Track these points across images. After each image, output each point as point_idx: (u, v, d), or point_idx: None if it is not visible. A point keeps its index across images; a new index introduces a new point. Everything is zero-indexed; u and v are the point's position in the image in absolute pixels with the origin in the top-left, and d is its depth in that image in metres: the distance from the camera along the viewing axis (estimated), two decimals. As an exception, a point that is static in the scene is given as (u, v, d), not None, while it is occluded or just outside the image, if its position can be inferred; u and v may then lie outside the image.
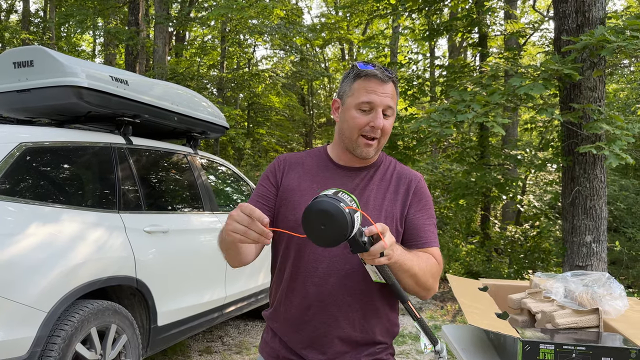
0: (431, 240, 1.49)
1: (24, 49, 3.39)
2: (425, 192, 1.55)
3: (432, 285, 1.45)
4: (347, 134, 1.47)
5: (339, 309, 1.44)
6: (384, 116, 1.44)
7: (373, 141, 1.45)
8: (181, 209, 4.07)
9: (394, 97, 1.46)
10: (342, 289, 1.43)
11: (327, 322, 1.44)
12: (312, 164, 1.56)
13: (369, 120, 1.43)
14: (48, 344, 2.62)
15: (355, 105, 1.44)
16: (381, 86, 1.42)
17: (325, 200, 1.16)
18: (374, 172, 1.54)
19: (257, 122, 16.51)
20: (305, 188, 1.50)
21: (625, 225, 9.40)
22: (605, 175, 5.56)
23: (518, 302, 2.09)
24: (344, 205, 1.15)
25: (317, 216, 1.16)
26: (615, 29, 4.75)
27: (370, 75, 1.43)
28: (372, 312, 1.47)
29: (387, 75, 1.44)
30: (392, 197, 1.50)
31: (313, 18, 29.31)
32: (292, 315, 1.49)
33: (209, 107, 4.65)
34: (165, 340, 3.54)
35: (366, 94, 1.42)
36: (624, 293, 1.97)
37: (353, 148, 1.47)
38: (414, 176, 1.56)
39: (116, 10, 14.72)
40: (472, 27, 8.49)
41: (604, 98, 5.57)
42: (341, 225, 1.14)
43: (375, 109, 1.42)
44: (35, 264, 2.63)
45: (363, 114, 1.43)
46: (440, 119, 4.98)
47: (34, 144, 2.93)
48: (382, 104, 1.42)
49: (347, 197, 1.19)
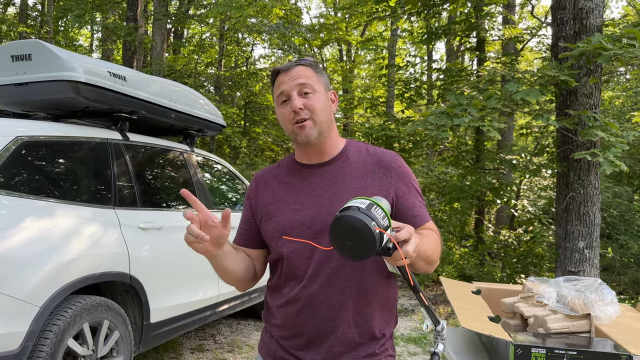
0: (425, 215, 1.49)
1: (22, 42, 3.38)
2: (404, 169, 1.51)
3: (438, 258, 1.45)
4: (286, 131, 1.49)
5: (331, 308, 1.42)
6: (305, 95, 1.43)
7: (304, 122, 1.43)
8: (176, 206, 4.06)
9: (309, 76, 1.46)
10: (330, 288, 1.42)
11: (321, 323, 1.43)
12: (284, 172, 1.56)
13: (290, 108, 1.44)
14: (40, 338, 2.61)
15: (277, 102, 1.48)
16: (287, 74, 1.45)
17: (355, 216, 1.10)
18: (343, 163, 1.51)
19: (253, 121, 16.49)
20: (279, 198, 1.51)
21: (617, 232, 9.46)
22: (599, 182, 5.59)
23: (511, 306, 2.10)
24: (376, 224, 1.09)
25: (346, 231, 1.11)
26: (612, 37, 4.78)
27: (277, 73, 1.48)
28: (366, 307, 1.44)
29: (288, 64, 1.47)
30: (370, 184, 1.46)
31: (312, 18, 29.35)
32: (288, 320, 1.48)
33: (206, 105, 4.65)
34: (157, 338, 3.54)
35: (278, 88, 1.46)
36: (616, 299, 1.99)
37: (295, 139, 1.46)
38: (388, 157, 1.51)
39: (114, 6, 14.69)
40: (470, 32, 8.53)
41: (599, 105, 5.60)
42: (369, 245, 1.10)
43: (290, 95, 1.44)
44: (29, 258, 2.63)
45: (285, 106, 1.45)
46: (437, 122, 5.00)
47: (30, 137, 2.92)
48: (291, 88, 1.44)
49: (381, 212, 1.14)
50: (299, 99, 1.43)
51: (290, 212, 1.46)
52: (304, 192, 1.48)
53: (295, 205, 1.47)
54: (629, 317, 2.11)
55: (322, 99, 1.47)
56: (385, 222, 1.13)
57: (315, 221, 1.42)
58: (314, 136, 1.44)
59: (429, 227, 1.47)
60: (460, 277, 7.58)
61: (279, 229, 1.46)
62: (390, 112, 12.71)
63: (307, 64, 1.49)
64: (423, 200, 1.53)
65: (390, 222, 1.15)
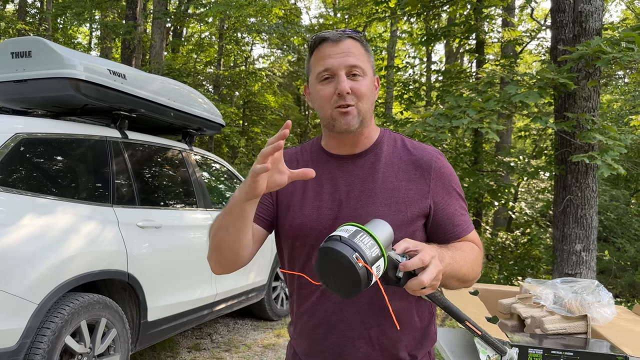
0: (467, 225, 1.30)
1: (22, 39, 3.38)
2: (446, 171, 1.30)
3: (478, 274, 1.28)
4: (321, 113, 1.27)
5: (350, 326, 1.25)
6: (353, 77, 1.23)
7: (349, 108, 1.22)
8: (174, 205, 4.07)
9: (360, 55, 1.25)
10: (349, 305, 1.25)
11: (339, 343, 1.27)
12: (307, 159, 1.37)
13: (334, 88, 1.22)
14: (38, 335, 2.61)
15: (316, 78, 1.26)
16: (336, 46, 1.23)
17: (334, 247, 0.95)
18: (375, 157, 1.31)
19: (252, 120, 16.48)
20: (300, 190, 1.32)
21: (614, 235, 9.49)
22: (597, 184, 5.61)
23: (508, 307, 2.11)
24: (359, 255, 0.94)
25: (326, 265, 0.98)
26: (611, 41, 4.80)
27: (321, 40, 1.26)
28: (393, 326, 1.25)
29: (338, 34, 1.25)
30: (404, 186, 1.26)
31: (311, 19, 29.37)
32: (304, 334, 1.34)
33: (205, 104, 4.65)
34: (154, 336, 3.54)
35: (322, 61, 1.24)
36: (612, 301, 2.00)
37: (332, 125, 1.25)
38: (428, 155, 1.30)
39: (114, 4, 14.66)
40: (470, 34, 8.54)
41: (598, 108, 5.62)
42: (353, 281, 0.95)
43: (336, 73, 1.22)
44: (27, 255, 2.63)
45: (327, 84, 1.24)
46: (436, 124, 5.01)
47: (29, 134, 2.92)
48: (341, 65, 1.22)
49: (369, 240, 0.96)
50: (347, 80, 1.22)
51: (309, 209, 1.29)
52: (327, 187, 1.29)
53: (315, 201, 1.29)
54: (625, 319, 2.13)
55: (370, 84, 1.27)
56: (374, 252, 0.96)
57: (335, 224, 1.22)
58: (355, 126, 1.24)
59: (470, 239, 1.30)
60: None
61: (295, 227, 1.30)
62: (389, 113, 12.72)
63: (359, 39, 1.27)
64: (465, 205, 1.34)
65: (383, 251, 0.97)
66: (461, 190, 1.34)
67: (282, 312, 5.37)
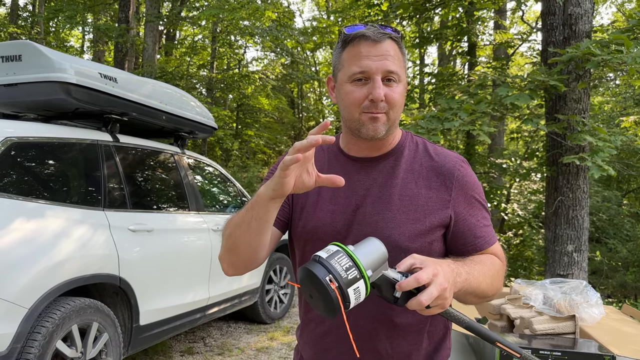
0: (489, 237, 1.23)
1: (12, 43, 3.37)
2: (469, 180, 1.23)
3: (500, 288, 1.23)
4: (347, 114, 1.19)
5: (360, 337, 1.20)
6: (388, 82, 1.15)
7: (379, 115, 1.15)
8: (167, 208, 4.06)
9: (398, 59, 1.17)
10: (361, 314, 1.18)
11: (347, 354, 1.22)
12: (323, 158, 1.29)
13: (367, 92, 1.14)
14: (28, 340, 2.60)
15: (348, 77, 1.17)
16: (375, 47, 1.14)
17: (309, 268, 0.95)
18: (395, 162, 1.24)
19: (245, 123, 16.48)
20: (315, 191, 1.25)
21: (606, 236, 9.56)
22: (588, 186, 5.65)
23: (497, 307, 2.13)
24: (333, 277, 0.92)
25: (306, 284, 0.97)
26: (600, 43, 4.84)
27: (359, 37, 1.16)
28: (403, 340, 1.21)
29: (379, 33, 1.15)
30: (424, 194, 1.20)
31: (305, 21, 29.40)
32: (311, 340, 1.30)
33: (197, 107, 4.65)
34: (146, 340, 3.53)
35: (357, 61, 1.15)
36: (600, 301, 2.02)
37: (358, 129, 1.18)
38: (451, 162, 1.23)
39: (106, 7, 14.64)
40: (462, 36, 8.59)
41: (588, 110, 5.67)
42: (327, 303, 0.93)
43: (372, 77, 1.14)
44: (18, 259, 2.62)
45: (359, 87, 1.15)
46: (428, 126, 5.03)
47: (19, 138, 2.91)
48: (379, 69, 1.13)
49: (346, 261, 0.94)
50: (383, 87, 1.14)
51: (323, 212, 1.24)
52: (343, 190, 1.22)
53: (330, 205, 1.23)
54: (613, 319, 2.15)
55: (403, 91, 1.19)
56: (350, 275, 0.92)
57: (349, 231, 1.19)
58: (382, 133, 1.17)
59: (492, 252, 1.23)
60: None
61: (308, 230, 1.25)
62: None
63: (397, 40, 1.18)
64: (489, 216, 1.27)
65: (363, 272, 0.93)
66: (485, 200, 1.27)
67: (276, 315, 5.37)
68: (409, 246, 1.14)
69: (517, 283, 2.25)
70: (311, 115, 19.29)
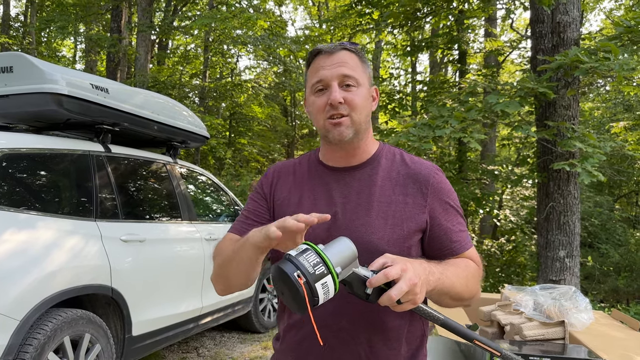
0: (465, 242, 1.28)
1: (3, 54, 3.37)
2: (444, 187, 1.29)
3: (476, 293, 1.27)
4: (315, 123, 1.28)
5: (339, 340, 1.23)
6: (346, 87, 1.23)
7: (341, 119, 1.22)
8: (159, 218, 4.05)
9: (354, 66, 1.25)
10: (340, 317, 1.22)
11: (325, 357, 1.24)
12: (304, 170, 1.36)
13: (327, 99, 1.23)
14: (20, 352, 2.58)
15: (311, 89, 1.27)
16: (329, 58, 1.25)
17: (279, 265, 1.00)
18: (372, 170, 1.30)
19: (238, 132, 16.50)
20: (295, 201, 1.31)
21: (599, 241, 9.61)
22: (579, 191, 5.70)
23: (488, 314, 2.14)
24: (301, 272, 0.96)
25: (278, 281, 1.02)
26: (588, 50, 4.90)
27: (316, 53, 1.28)
28: (383, 344, 1.23)
29: (334, 46, 1.26)
30: (401, 200, 1.25)
31: (297, 30, 29.52)
32: (289, 348, 1.32)
33: (189, 117, 4.66)
34: (139, 351, 3.51)
35: (316, 73, 1.26)
36: (590, 306, 2.03)
37: (326, 135, 1.26)
38: (426, 169, 1.29)
39: (98, 17, 14.64)
40: (453, 44, 8.66)
41: (577, 116, 5.72)
42: (296, 298, 0.97)
43: (329, 84, 1.23)
44: (9, 271, 2.60)
45: (320, 96, 1.25)
46: (419, 134, 5.06)
47: (11, 150, 2.91)
48: (332, 76, 1.23)
49: (314, 258, 0.99)
50: (340, 91, 1.22)
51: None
52: (323, 199, 1.29)
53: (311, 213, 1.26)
54: (603, 324, 2.17)
55: (365, 94, 1.27)
56: (318, 270, 0.97)
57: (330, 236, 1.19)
58: (348, 136, 1.24)
59: (468, 256, 1.27)
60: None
61: None
62: (375, 123, 12.81)
63: (354, 50, 1.28)
64: (464, 222, 1.32)
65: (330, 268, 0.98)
66: (460, 207, 1.32)
67: (270, 324, 5.36)
68: (388, 250, 1.16)
69: (508, 289, 2.27)
70: (304, 123, 19.34)
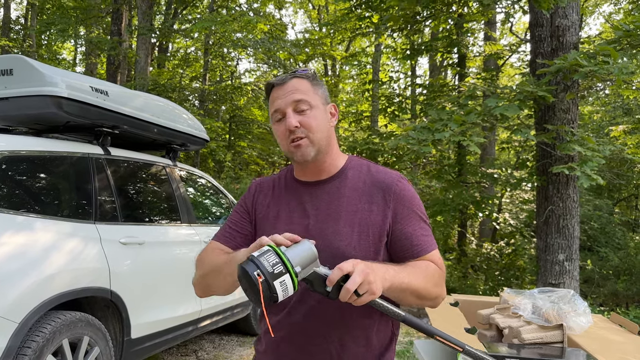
0: (426, 245, 1.35)
1: (3, 57, 3.37)
2: (406, 193, 1.38)
3: (439, 293, 1.34)
4: (282, 148, 1.40)
5: (312, 342, 1.33)
6: (301, 112, 1.34)
7: (300, 141, 1.33)
8: (158, 221, 4.05)
9: (306, 90, 1.36)
10: (314, 320, 1.32)
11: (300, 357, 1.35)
12: (282, 186, 1.48)
13: (285, 126, 1.35)
14: (18, 355, 2.58)
15: (272, 120, 1.39)
16: (281, 89, 1.36)
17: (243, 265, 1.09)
18: (341, 183, 1.40)
19: (238, 135, 16.49)
20: (274, 215, 1.43)
21: (598, 245, 9.61)
22: (578, 195, 5.70)
23: (487, 317, 2.14)
24: (260, 271, 1.06)
25: (241, 279, 1.12)
26: (587, 54, 4.91)
27: (270, 87, 1.40)
28: (353, 342, 1.33)
29: (283, 77, 1.38)
30: (366, 208, 1.35)
31: (297, 33, 29.58)
32: (270, 349, 1.41)
33: (189, 120, 4.66)
34: (138, 353, 3.50)
35: (272, 104, 1.38)
36: (588, 310, 2.03)
37: (292, 157, 1.38)
38: (389, 178, 1.39)
39: (99, 20, 14.66)
40: (452, 48, 8.68)
41: (577, 120, 5.74)
42: (256, 294, 1.06)
43: (284, 112, 1.35)
44: (8, 273, 2.60)
45: (280, 124, 1.36)
46: (419, 137, 5.07)
47: (11, 152, 2.91)
48: (286, 104, 1.34)
49: (274, 258, 1.08)
50: (295, 116, 1.33)
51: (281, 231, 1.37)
52: (297, 211, 1.40)
53: (286, 225, 1.38)
54: (601, 327, 2.17)
55: (320, 114, 1.37)
56: (276, 269, 1.06)
57: None
58: (310, 155, 1.35)
59: (429, 259, 1.35)
60: (444, 290, 7.62)
61: None
62: (375, 126, 12.83)
63: (304, 76, 1.38)
64: (428, 227, 1.40)
65: (289, 267, 1.07)
66: (423, 213, 1.41)
67: (269, 327, 5.35)
68: (355, 255, 1.23)
69: (507, 293, 2.27)
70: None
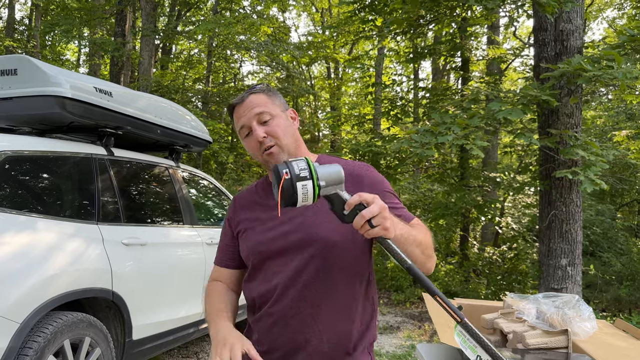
0: (408, 216, 1.47)
1: (8, 57, 3.38)
2: (377, 178, 1.51)
3: (433, 253, 1.43)
4: (257, 159, 1.52)
5: (302, 322, 1.43)
6: (264, 123, 1.47)
7: (271, 149, 1.46)
8: (160, 222, 4.05)
9: (264, 102, 1.49)
10: (302, 302, 1.42)
11: (292, 338, 1.44)
12: (260, 193, 1.59)
13: (254, 139, 1.47)
14: (20, 355, 2.57)
15: (241, 135, 1.52)
16: (242, 107, 1.49)
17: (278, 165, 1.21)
18: None
19: (241, 136, 16.49)
20: (255, 217, 1.54)
21: (600, 250, 9.57)
22: (581, 199, 5.68)
23: (491, 322, 2.13)
24: (288, 171, 1.17)
25: (273, 177, 1.23)
26: (591, 59, 4.90)
27: (232, 107, 1.53)
28: (339, 321, 1.44)
29: (240, 97, 1.51)
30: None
31: (300, 36, 29.60)
32: (260, 333, 1.50)
33: (192, 121, 4.66)
34: (139, 355, 3.50)
35: (238, 122, 1.50)
36: (593, 315, 2.02)
37: (268, 166, 1.49)
38: (359, 168, 1.52)
39: (103, 21, 14.70)
40: (455, 51, 8.67)
41: (580, 124, 5.72)
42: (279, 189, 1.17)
43: (250, 126, 1.47)
44: (10, 273, 2.60)
45: (249, 138, 1.49)
46: (421, 140, 5.06)
47: (14, 152, 2.91)
48: (250, 119, 1.47)
49: (304, 164, 1.19)
50: (260, 127, 1.46)
51: (265, 229, 1.50)
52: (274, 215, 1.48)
53: (269, 223, 1.49)
54: (606, 333, 2.15)
55: (282, 121, 1.50)
56: (302, 173, 1.17)
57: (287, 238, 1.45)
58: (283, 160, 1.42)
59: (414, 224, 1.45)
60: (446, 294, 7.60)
61: (254, 244, 1.50)
62: (378, 129, 12.81)
63: (259, 91, 1.52)
64: (400, 203, 1.52)
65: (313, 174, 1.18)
66: (394, 192, 1.54)
67: (270, 329, 5.33)
68: (335, 239, 1.40)
69: (510, 297, 2.26)
70: (306, 128, 19.36)
